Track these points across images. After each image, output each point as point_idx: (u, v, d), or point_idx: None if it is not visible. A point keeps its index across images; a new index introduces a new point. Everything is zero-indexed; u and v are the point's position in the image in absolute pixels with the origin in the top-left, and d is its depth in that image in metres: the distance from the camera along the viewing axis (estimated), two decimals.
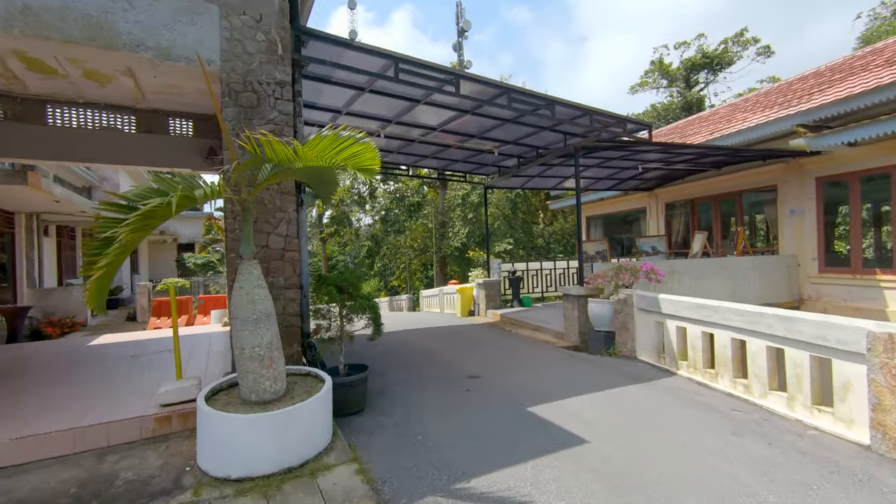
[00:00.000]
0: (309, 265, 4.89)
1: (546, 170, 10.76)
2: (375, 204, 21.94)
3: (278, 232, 4.37)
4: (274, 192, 4.34)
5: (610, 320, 6.95)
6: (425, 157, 9.90)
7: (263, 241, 4.30)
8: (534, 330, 8.79)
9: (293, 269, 4.43)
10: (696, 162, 10.39)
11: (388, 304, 24.30)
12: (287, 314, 4.37)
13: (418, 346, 7.52)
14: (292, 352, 4.38)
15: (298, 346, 4.46)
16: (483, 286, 11.37)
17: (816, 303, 9.02)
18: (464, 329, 9.34)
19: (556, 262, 12.46)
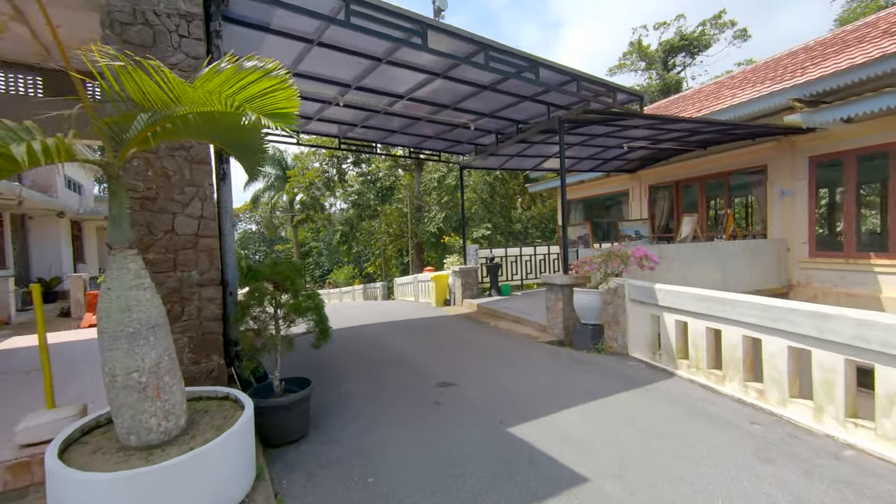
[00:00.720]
0: (236, 255, 3.88)
1: (526, 148, 9.87)
2: (347, 188, 20.64)
3: (189, 213, 3.34)
4: (181, 161, 3.29)
5: (598, 312, 6.21)
6: (394, 131, 8.85)
7: (167, 225, 3.27)
8: (514, 322, 8.01)
9: (210, 260, 3.41)
10: (685, 140, 9.70)
11: (362, 291, 23.28)
12: (203, 318, 3.37)
13: (385, 345, 6.62)
14: (212, 366, 3.40)
15: (221, 357, 3.48)
16: (459, 274, 10.52)
17: (806, 288, 8.55)
18: (437, 322, 8.48)
19: (535, 248, 11.70)
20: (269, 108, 2.22)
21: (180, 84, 2.05)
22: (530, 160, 11.13)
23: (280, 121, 2.21)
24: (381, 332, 7.65)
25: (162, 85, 2.03)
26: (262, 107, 2.20)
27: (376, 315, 9.85)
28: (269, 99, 2.21)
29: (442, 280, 11.25)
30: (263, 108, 2.20)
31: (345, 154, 19.83)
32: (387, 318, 9.24)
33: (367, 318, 9.41)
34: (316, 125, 8.46)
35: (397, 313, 10.07)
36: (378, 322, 8.68)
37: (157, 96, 2.09)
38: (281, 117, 2.24)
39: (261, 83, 2.18)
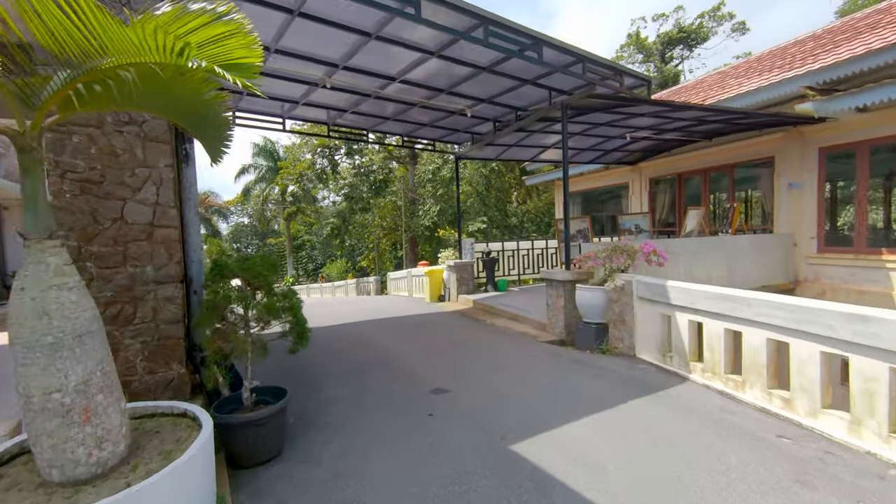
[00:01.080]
0: (203, 249, 3.41)
1: (525, 137, 9.41)
2: (340, 180, 20.02)
3: (142, 198, 2.86)
4: (132, 138, 2.81)
5: (602, 311, 5.81)
6: (386, 118, 8.35)
7: (115, 213, 2.79)
8: (511, 320, 7.61)
9: (168, 253, 2.94)
10: (689, 130, 9.30)
11: (355, 286, 22.79)
12: (161, 321, 2.91)
13: (374, 344, 6.18)
14: (171, 376, 2.94)
15: (183, 365, 3.02)
16: (454, 269, 10.09)
17: (814, 285, 8.22)
18: (431, 319, 8.05)
19: (533, 242, 11.29)
20: (223, 58, 1.75)
21: (105, 19, 1.57)
22: (529, 150, 10.68)
23: (238, 73, 1.74)
24: (370, 330, 7.21)
25: (78, 22, 1.56)
26: (214, 56, 1.73)
27: (367, 312, 9.41)
28: (222, 47, 1.74)
29: (436, 275, 10.82)
30: (217, 59, 1.73)
31: (337, 145, 19.24)
32: (378, 314, 8.80)
33: (357, 314, 8.96)
34: (303, 110, 7.94)
35: (389, 310, 9.63)
36: (368, 319, 8.24)
37: (76, 40, 1.62)
38: (239, 69, 1.77)
39: (211, 28, 1.71)
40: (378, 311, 9.49)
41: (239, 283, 3.06)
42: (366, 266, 28.67)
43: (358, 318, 8.51)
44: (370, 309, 9.96)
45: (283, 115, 8.05)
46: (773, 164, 8.88)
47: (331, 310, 10.14)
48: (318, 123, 8.62)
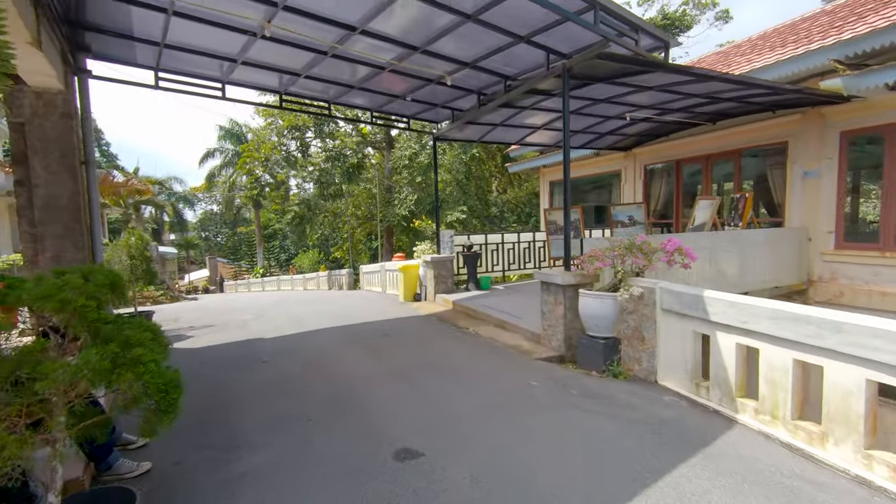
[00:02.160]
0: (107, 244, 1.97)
1: (512, 116, 8.13)
2: (309, 164, 18.25)
3: None
4: None
5: (612, 323, 4.66)
6: (350, 86, 6.91)
7: None
8: (498, 327, 6.40)
9: None
10: (694, 111, 8.23)
11: (327, 279, 21.25)
12: None
13: (330, 367, 4.85)
14: None
15: None
16: (431, 265, 8.80)
17: (830, 285, 7.33)
18: (404, 326, 6.76)
19: (519, 235, 10.10)
20: None
21: None
22: (516, 132, 9.41)
23: None
24: (328, 343, 5.87)
25: None
26: None
27: (330, 315, 8.04)
28: None
29: (411, 271, 9.52)
30: None
31: (306, 124, 17.48)
32: (341, 319, 7.44)
33: (317, 319, 7.59)
34: (246, 73, 6.42)
35: (356, 312, 8.30)
36: (329, 327, 6.88)
37: None
38: None
39: None
40: (342, 314, 8.13)
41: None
42: (340, 257, 27.06)
43: (317, 324, 7.14)
44: (334, 312, 8.59)
45: (223, 78, 6.51)
46: (786, 149, 7.90)
47: (288, 313, 8.72)
48: (267, 91, 7.09)
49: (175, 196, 44.03)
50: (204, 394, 3.96)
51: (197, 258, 51.59)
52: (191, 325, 7.28)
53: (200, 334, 6.46)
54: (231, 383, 4.25)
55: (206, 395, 3.93)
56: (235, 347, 5.60)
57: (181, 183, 43.57)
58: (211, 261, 43.12)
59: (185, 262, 49.65)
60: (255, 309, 9.54)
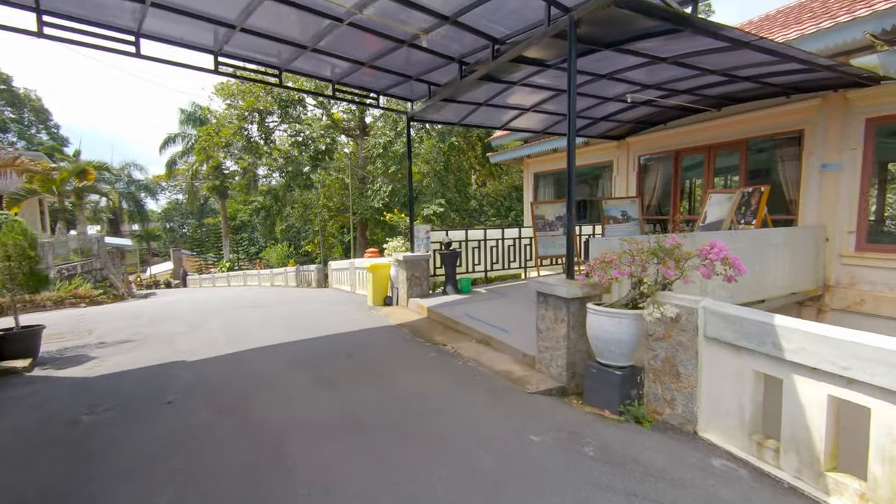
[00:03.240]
0: None
1: (499, 93, 6.94)
2: (274, 151, 16.52)
3: None
4: None
5: (632, 348, 3.57)
6: (302, 47, 5.54)
7: None
8: (482, 344, 5.24)
9: None
10: (702, 94, 7.24)
11: (295, 275, 19.67)
12: None
13: (256, 412, 3.55)
14: None
15: None
16: (404, 265, 7.57)
17: (849, 291, 6.51)
18: (367, 344, 5.50)
19: (503, 231, 8.96)
20: None
21: None
22: (501, 114, 8.21)
23: None
24: (269, 368, 4.57)
25: None
26: None
27: (283, 325, 6.71)
28: None
29: (381, 271, 8.26)
30: None
31: (268, 106, 15.74)
32: (294, 332, 6.12)
33: (264, 331, 6.25)
34: (166, 25, 4.98)
35: (315, 320, 6.99)
36: (277, 343, 5.56)
37: None
38: None
39: None
40: (299, 323, 6.81)
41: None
42: (311, 251, 25.40)
43: (264, 338, 5.82)
44: (290, 319, 7.25)
45: (136, 30, 5.04)
46: (802, 139, 7.02)
47: (232, 322, 7.32)
48: (197, 50, 5.64)
49: (135, 184, 41.06)
50: (45, 472, 2.65)
51: (161, 250, 48.55)
52: (102, 340, 5.82)
53: (108, 355, 5.05)
54: (100, 448, 2.94)
55: (48, 475, 2.62)
56: (140, 378, 4.24)
57: (142, 170, 40.69)
58: (175, 253, 40.52)
59: (148, 255, 46.66)
60: (197, 315, 8.09)
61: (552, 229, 8.73)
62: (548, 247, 8.67)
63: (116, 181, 38.99)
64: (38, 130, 33.13)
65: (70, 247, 15.00)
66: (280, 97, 15.91)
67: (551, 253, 8.69)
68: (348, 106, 18.70)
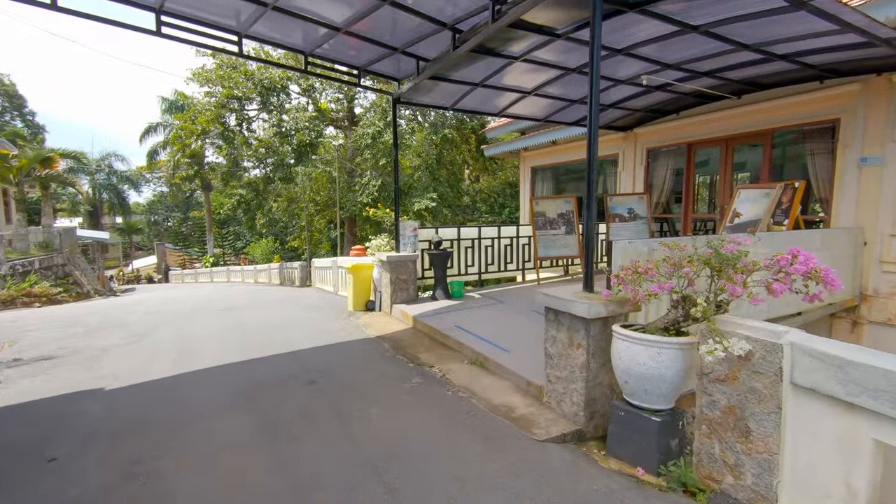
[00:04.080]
0: None
1: (497, 71, 5.99)
2: (253, 139, 15.35)
3: None
4: None
5: (675, 387, 2.69)
6: (262, 3, 4.53)
7: None
8: (476, 367, 4.32)
9: None
10: (725, 77, 6.38)
11: (278, 272, 18.60)
12: None
13: (168, 477, 2.59)
14: None
15: None
16: (388, 266, 6.62)
17: (889, 301, 5.72)
18: (338, 368, 4.53)
19: (500, 229, 8.03)
20: None
21: None
22: (498, 98, 7.26)
23: None
24: (208, 402, 3.61)
25: None
26: None
27: (244, 338, 5.72)
28: None
29: (363, 273, 7.30)
30: None
31: (247, 93, 14.59)
32: (253, 349, 5.14)
33: (219, 346, 5.27)
34: None
35: (284, 329, 6.02)
36: (229, 363, 4.58)
37: None
38: None
39: None
40: (264, 334, 5.83)
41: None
42: (297, 247, 24.28)
43: (216, 355, 4.84)
44: (255, 329, 6.27)
45: None
46: (837, 129, 6.20)
47: (184, 333, 6.32)
48: (134, 5, 4.59)
49: (117, 175, 39.37)
50: None
51: (146, 244, 46.88)
52: (19, 356, 4.78)
53: (14, 378, 4.04)
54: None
55: None
56: (35, 415, 3.24)
57: (123, 161, 39.11)
58: (159, 247, 39.07)
59: (131, 248, 45.01)
60: (152, 320, 7.07)
61: (554, 228, 7.83)
62: (549, 247, 7.77)
63: (97, 172, 37.41)
64: (11, 118, 31.38)
65: (31, 240, 13.78)
66: (261, 83, 14.78)
67: (552, 254, 7.79)
68: (336, 95, 17.60)
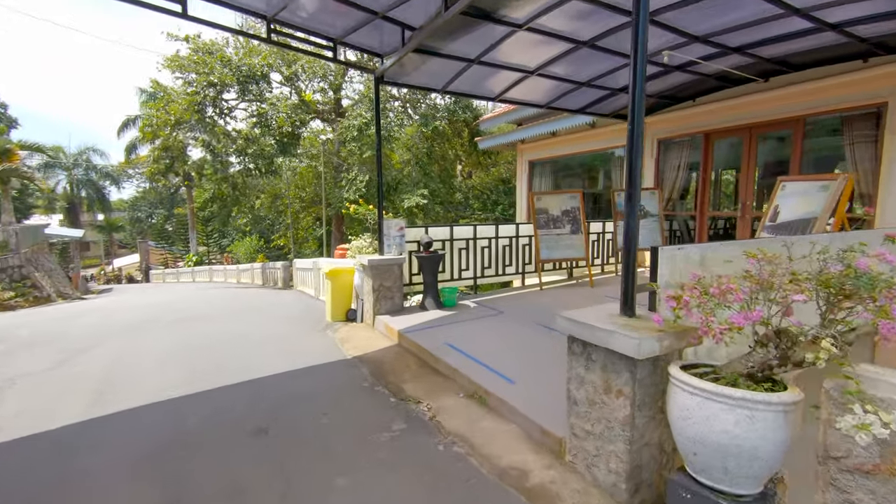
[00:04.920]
0: None
1: (500, 41, 5.07)
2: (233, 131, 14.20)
3: None
4: None
5: (769, 465, 1.79)
6: None
7: None
8: (473, 401, 3.40)
9: None
10: (757, 54, 5.54)
11: (261, 272, 17.53)
12: None
13: None
14: None
15: None
16: (370, 271, 5.68)
17: None
18: (297, 406, 3.57)
19: (498, 227, 7.12)
20: None
21: None
22: (497, 78, 6.32)
23: None
24: (96, 471, 2.65)
25: None
26: None
27: (194, 363, 4.74)
28: None
29: (343, 278, 6.35)
30: None
31: (223, 79, 13.44)
32: (203, 377, 4.17)
33: (161, 375, 4.29)
34: None
35: (242, 355, 5.05)
36: (164, 400, 3.60)
37: None
38: None
39: None
40: (215, 358, 4.85)
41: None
42: (284, 245, 23.16)
43: (148, 388, 3.87)
44: (207, 350, 5.28)
45: None
46: (883, 114, 5.39)
47: (124, 355, 5.31)
48: None
49: (96, 171, 37.65)
50: None
51: (129, 242, 45.18)
52: None
53: None
54: None
55: None
56: None
57: (102, 156, 37.43)
58: (141, 245, 37.58)
59: (112, 247, 43.33)
60: (97, 332, 6.05)
61: (558, 226, 6.94)
62: (552, 248, 6.89)
63: (74, 167, 35.70)
64: None
65: None
66: (239, 70, 13.66)
67: (556, 256, 6.92)
68: (321, 85, 16.50)
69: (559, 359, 2.83)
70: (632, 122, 2.46)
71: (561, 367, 2.62)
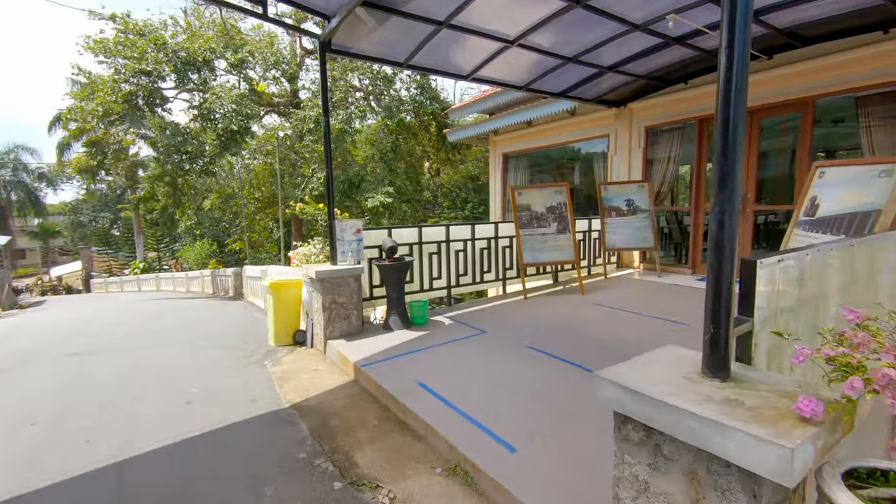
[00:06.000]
0: None
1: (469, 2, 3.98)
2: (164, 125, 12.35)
3: None
4: None
5: None
6: None
7: None
8: (454, 480, 2.30)
9: None
10: (768, 22, 4.76)
11: (211, 280, 15.74)
12: None
13: None
14: None
15: None
16: (319, 284, 4.47)
17: None
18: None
19: (474, 228, 6.04)
20: None
21: None
22: (470, 48, 5.23)
23: None
24: None
25: None
26: None
27: (54, 426, 3.40)
28: None
29: (288, 292, 5.11)
30: None
31: (157, 65, 11.66)
32: (50, 453, 2.86)
33: (10, 442, 2.93)
34: None
35: (127, 410, 3.74)
36: (22, 495, 2.29)
37: None
38: None
39: None
40: (85, 418, 3.52)
41: None
42: (240, 249, 21.22)
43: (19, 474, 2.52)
44: (81, 402, 3.93)
45: None
46: None
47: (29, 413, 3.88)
48: None
49: (29, 172, 33.76)
50: None
51: (71, 248, 41.05)
52: None
53: None
54: None
55: None
56: None
57: (34, 154, 33.67)
58: (84, 252, 34.19)
59: (49, 254, 39.21)
60: None
61: (542, 225, 5.97)
62: (537, 250, 5.92)
63: (0, 167, 31.82)
64: None
65: None
66: (176, 55, 11.92)
67: (542, 259, 5.95)
68: (273, 73, 14.90)
69: (573, 405, 1.77)
70: (727, 88, 1.43)
71: (578, 422, 1.57)
